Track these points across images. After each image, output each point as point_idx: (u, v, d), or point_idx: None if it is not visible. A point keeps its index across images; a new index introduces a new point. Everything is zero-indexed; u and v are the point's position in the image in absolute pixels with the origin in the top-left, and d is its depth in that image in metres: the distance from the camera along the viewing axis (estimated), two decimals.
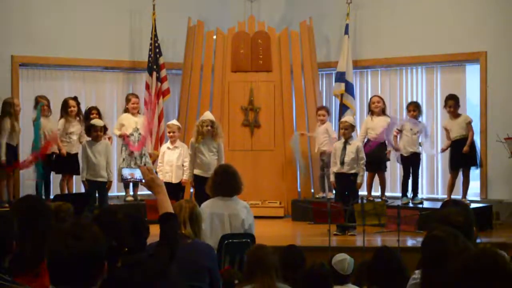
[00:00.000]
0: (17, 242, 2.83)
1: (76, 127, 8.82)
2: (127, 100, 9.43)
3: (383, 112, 9.06)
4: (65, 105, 8.77)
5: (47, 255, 2.31)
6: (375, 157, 8.81)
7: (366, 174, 8.66)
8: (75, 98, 8.94)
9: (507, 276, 2.40)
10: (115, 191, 9.75)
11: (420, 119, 8.94)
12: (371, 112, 9.13)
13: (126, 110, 9.38)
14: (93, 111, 9.00)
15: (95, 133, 8.23)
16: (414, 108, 8.85)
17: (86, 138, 8.42)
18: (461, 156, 8.50)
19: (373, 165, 8.79)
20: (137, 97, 9.48)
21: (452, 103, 8.61)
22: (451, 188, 8.72)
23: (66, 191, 8.69)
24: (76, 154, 8.76)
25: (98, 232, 2.30)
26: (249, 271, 3.94)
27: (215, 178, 5.74)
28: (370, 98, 9.32)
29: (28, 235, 3.13)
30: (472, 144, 8.55)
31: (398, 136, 8.87)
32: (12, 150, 8.39)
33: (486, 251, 2.51)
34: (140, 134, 9.25)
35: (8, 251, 2.76)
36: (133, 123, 9.25)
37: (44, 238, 3.22)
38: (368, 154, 8.33)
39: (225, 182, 5.64)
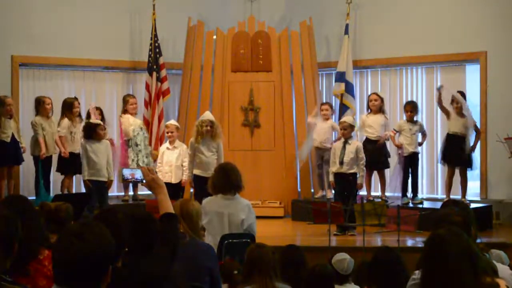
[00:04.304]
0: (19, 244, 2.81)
1: (78, 127, 8.82)
2: (125, 101, 9.42)
3: (380, 110, 9.06)
4: (70, 105, 8.76)
5: (52, 254, 2.31)
6: (374, 156, 8.82)
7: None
8: (76, 99, 8.96)
9: None
10: (115, 191, 9.75)
11: (417, 118, 8.94)
12: (369, 109, 9.14)
13: (125, 112, 9.39)
14: (96, 111, 9.01)
15: (101, 131, 8.26)
16: (411, 108, 8.85)
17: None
18: (457, 153, 8.51)
19: (372, 164, 8.81)
20: (134, 97, 9.48)
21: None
22: (449, 186, 8.72)
23: (66, 191, 8.69)
24: (79, 153, 8.75)
25: (106, 233, 2.29)
26: (247, 271, 3.92)
27: (214, 177, 5.75)
28: (369, 96, 9.33)
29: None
30: (470, 145, 8.61)
31: (396, 136, 8.88)
32: (3, 147, 8.38)
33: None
34: (144, 133, 9.28)
35: (10, 253, 2.75)
36: (137, 124, 9.27)
37: (32, 238, 3.22)
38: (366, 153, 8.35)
39: (224, 180, 5.64)
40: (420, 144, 8.96)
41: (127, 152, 9.21)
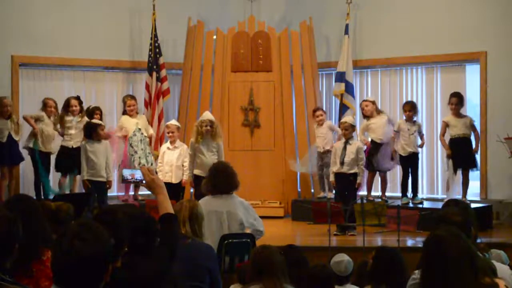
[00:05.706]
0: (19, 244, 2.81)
1: (77, 123, 8.81)
2: (123, 102, 9.45)
3: (377, 111, 9.03)
4: (67, 104, 8.77)
5: (52, 254, 2.31)
6: (381, 158, 8.81)
7: (366, 173, 8.69)
8: (77, 98, 8.93)
9: None
10: (115, 191, 9.75)
11: (416, 119, 8.93)
12: (364, 116, 9.07)
13: (125, 112, 9.39)
14: (97, 111, 9.03)
15: (101, 132, 8.28)
16: (410, 108, 8.83)
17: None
18: (463, 156, 8.51)
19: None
20: (132, 98, 9.46)
21: (455, 100, 8.58)
22: (449, 186, 8.70)
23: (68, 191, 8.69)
24: (77, 149, 8.70)
25: (105, 233, 2.29)
26: (255, 272, 3.88)
27: (208, 177, 5.76)
28: (360, 104, 9.28)
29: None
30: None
31: (396, 137, 8.87)
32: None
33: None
34: (142, 134, 9.26)
35: (10, 253, 2.75)
36: (133, 124, 9.26)
37: (37, 238, 3.21)
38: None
39: (219, 180, 5.64)
40: (420, 146, 8.94)
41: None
